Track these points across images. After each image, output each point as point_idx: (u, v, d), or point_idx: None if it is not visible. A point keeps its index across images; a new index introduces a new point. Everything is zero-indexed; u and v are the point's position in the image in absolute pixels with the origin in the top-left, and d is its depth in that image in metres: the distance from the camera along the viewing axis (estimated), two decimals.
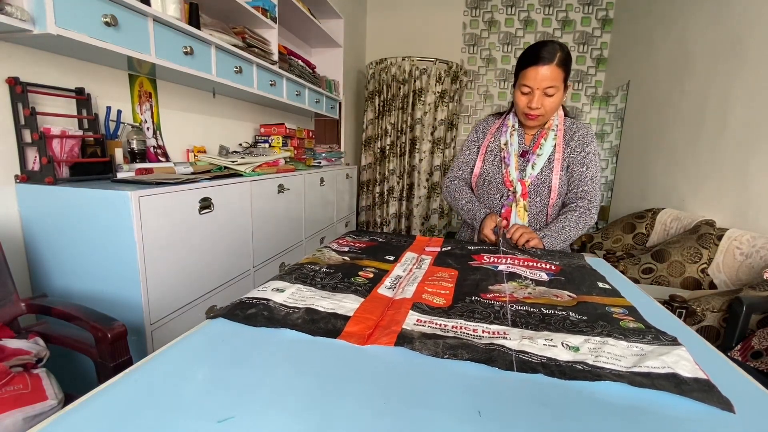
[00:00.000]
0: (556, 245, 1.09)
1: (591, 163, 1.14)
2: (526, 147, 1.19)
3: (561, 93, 1.09)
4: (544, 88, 1.05)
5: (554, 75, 1.04)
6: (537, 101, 1.07)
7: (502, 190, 1.21)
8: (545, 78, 1.04)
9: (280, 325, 0.55)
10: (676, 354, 0.48)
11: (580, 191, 1.14)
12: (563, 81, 1.07)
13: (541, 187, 1.16)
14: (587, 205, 1.13)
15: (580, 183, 1.15)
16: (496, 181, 1.21)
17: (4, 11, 0.87)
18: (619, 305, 0.67)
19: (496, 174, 1.21)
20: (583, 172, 1.14)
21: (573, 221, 1.11)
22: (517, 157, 1.18)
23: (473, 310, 0.64)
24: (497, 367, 0.47)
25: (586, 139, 1.15)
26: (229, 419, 0.37)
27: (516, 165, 1.18)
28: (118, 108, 1.37)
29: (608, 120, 3.92)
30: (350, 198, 3.07)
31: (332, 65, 3.01)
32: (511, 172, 1.17)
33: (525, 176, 1.16)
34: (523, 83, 1.08)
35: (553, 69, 1.03)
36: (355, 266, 0.83)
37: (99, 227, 1.02)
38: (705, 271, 2.00)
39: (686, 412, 0.40)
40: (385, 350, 0.51)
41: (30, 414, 0.68)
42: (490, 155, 1.24)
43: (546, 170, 1.15)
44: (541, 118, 1.12)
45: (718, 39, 2.35)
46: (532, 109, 1.09)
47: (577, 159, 1.14)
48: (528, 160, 1.17)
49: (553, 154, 1.15)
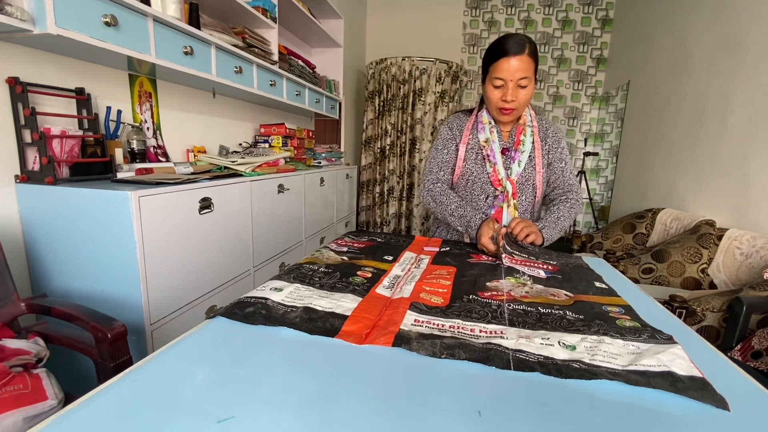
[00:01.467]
0: (554, 236, 1.10)
1: (567, 157, 1.19)
2: (506, 144, 1.18)
3: (533, 85, 1.08)
4: (518, 79, 1.03)
5: (526, 66, 1.02)
6: (511, 94, 1.05)
7: (488, 190, 1.17)
8: (518, 69, 1.02)
9: (278, 323, 0.55)
10: (672, 352, 0.49)
11: (566, 185, 1.18)
12: (534, 73, 1.06)
13: (526, 185, 1.16)
14: (575, 196, 1.16)
15: (563, 177, 1.18)
16: (481, 180, 1.17)
17: (4, 11, 0.87)
18: (615, 304, 0.67)
19: (480, 173, 1.17)
20: (563, 168, 1.18)
21: (566, 212, 1.13)
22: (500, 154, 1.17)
23: (471, 309, 0.64)
24: (494, 366, 0.47)
25: (558, 135, 1.18)
26: (229, 419, 0.37)
27: (502, 163, 1.16)
28: (118, 108, 1.37)
29: (608, 120, 3.92)
30: (350, 198, 3.07)
31: (332, 65, 3.01)
32: (499, 170, 1.15)
33: (512, 174, 1.15)
34: (496, 76, 1.05)
35: (525, 59, 1.02)
36: (353, 266, 0.83)
37: (99, 227, 1.02)
38: (705, 271, 2.00)
39: (682, 410, 0.40)
40: (383, 350, 0.51)
41: (30, 414, 0.68)
42: (471, 153, 1.19)
43: (528, 168, 1.15)
44: (515, 112, 1.10)
45: (718, 39, 2.35)
46: (507, 102, 1.06)
47: (556, 155, 1.17)
48: (512, 158, 1.15)
49: (533, 151, 1.16)
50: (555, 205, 1.15)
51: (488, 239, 1.01)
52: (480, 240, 1.03)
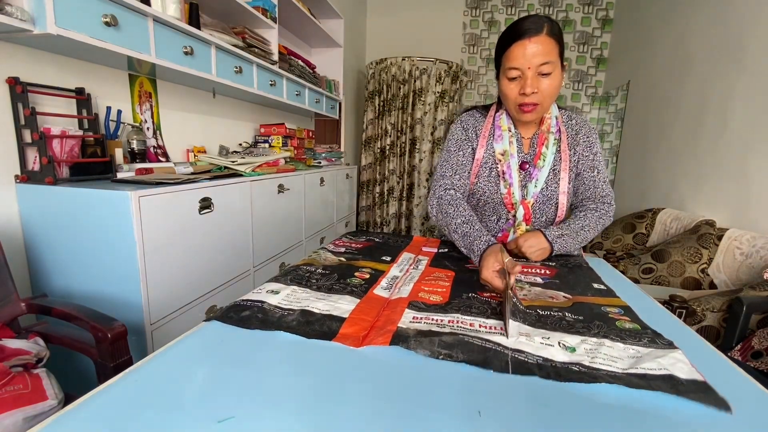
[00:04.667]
0: (572, 248, 0.93)
1: (600, 164, 0.99)
2: (525, 156, 0.99)
3: (559, 73, 0.87)
4: (537, 65, 0.83)
5: (547, 48, 0.83)
6: (531, 84, 0.85)
7: (501, 211, 1.01)
8: (536, 53, 0.82)
9: (274, 327, 0.55)
10: (673, 356, 0.48)
11: (598, 196, 0.99)
12: (559, 57, 0.85)
13: (547, 204, 0.98)
14: (607, 208, 0.98)
15: (594, 188, 0.99)
16: (494, 201, 1.00)
17: (4, 11, 0.87)
18: (614, 305, 0.67)
19: (494, 193, 1.00)
20: (594, 177, 0.99)
21: (593, 222, 0.95)
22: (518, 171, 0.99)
23: (470, 305, 0.64)
24: (492, 370, 0.46)
25: (591, 139, 0.99)
26: (229, 419, 0.37)
27: (518, 182, 0.98)
28: (118, 108, 1.37)
29: (608, 120, 3.92)
30: (350, 198, 3.07)
31: (332, 65, 3.01)
32: (515, 192, 0.97)
33: (527, 195, 0.97)
34: (510, 66, 0.86)
35: (544, 40, 0.82)
36: (351, 267, 0.82)
37: (99, 227, 1.02)
38: (705, 271, 2.00)
39: (683, 413, 0.40)
40: (382, 350, 0.50)
41: (30, 414, 0.68)
42: (484, 168, 1.01)
43: (551, 184, 0.97)
44: (538, 108, 0.89)
45: (718, 39, 2.35)
46: (526, 95, 0.87)
47: (587, 164, 0.99)
48: (529, 174, 0.97)
49: (558, 164, 0.97)
50: (583, 211, 0.98)
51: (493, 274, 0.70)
52: (482, 273, 0.73)
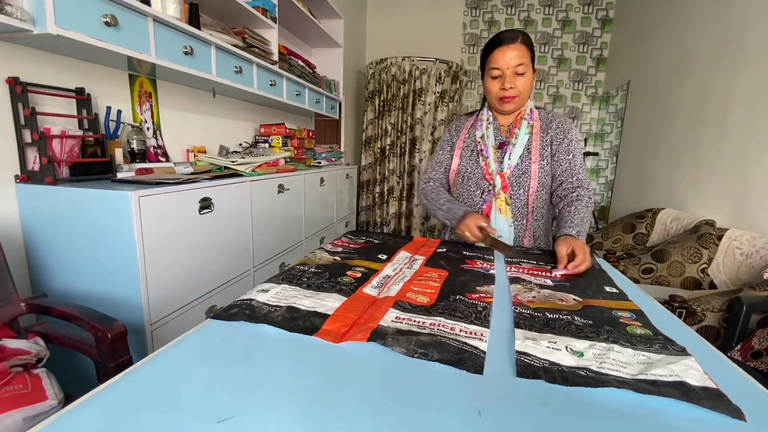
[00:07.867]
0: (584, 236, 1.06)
1: (575, 150, 1.15)
2: (503, 138, 1.18)
3: (531, 74, 1.11)
4: (514, 66, 1.07)
5: (521, 53, 1.07)
6: (509, 81, 1.09)
7: (483, 185, 1.18)
8: (513, 57, 1.07)
9: (259, 321, 0.56)
10: (685, 363, 0.47)
11: (575, 180, 1.13)
12: (530, 60, 1.09)
13: (522, 178, 1.15)
14: (587, 192, 1.12)
15: (572, 172, 1.13)
16: (476, 176, 1.19)
17: (4, 11, 0.87)
18: (626, 309, 0.65)
19: (475, 169, 1.19)
20: (570, 161, 1.14)
21: (584, 210, 1.09)
22: (495, 149, 1.17)
23: (455, 308, 0.63)
24: (466, 370, 0.46)
25: (565, 126, 1.16)
26: (229, 419, 0.37)
27: (495, 157, 1.16)
28: (118, 108, 1.37)
29: (608, 120, 3.92)
30: (350, 198, 3.07)
31: (332, 65, 3.01)
32: (491, 164, 1.16)
33: (503, 168, 1.15)
34: (493, 66, 1.10)
35: (519, 47, 1.07)
36: (344, 266, 0.82)
37: (99, 227, 1.02)
38: (705, 271, 2.00)
39: (694, 421, 0.39)
40: (383, 350, 0.50)
41: (30, 414, 0.68)
42: (466, 151, 1.23)
43: (525, 160, 1.14)
44: (516, 99, 1.12)
45: (718, 39, 2.35)
46: (506, 90, 1.10)
47: (562, 147, 1.14)
48: (505, 151, 1.16)
49: (530, 143, 1.15)
50: (572, 205, 1.09)
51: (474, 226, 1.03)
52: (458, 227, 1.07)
